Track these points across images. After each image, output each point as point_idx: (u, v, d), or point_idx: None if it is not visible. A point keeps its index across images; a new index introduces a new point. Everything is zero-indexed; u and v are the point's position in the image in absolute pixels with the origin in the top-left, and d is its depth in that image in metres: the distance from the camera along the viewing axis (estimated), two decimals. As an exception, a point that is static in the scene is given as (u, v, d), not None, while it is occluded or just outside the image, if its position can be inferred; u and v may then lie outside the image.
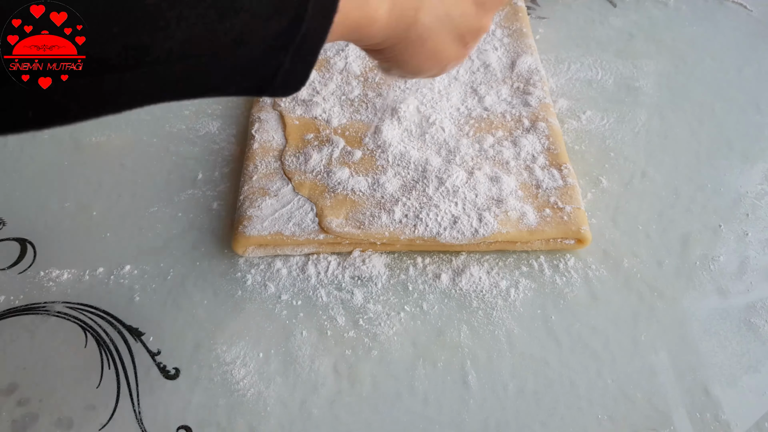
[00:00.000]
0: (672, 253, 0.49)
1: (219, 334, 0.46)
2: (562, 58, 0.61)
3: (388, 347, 0.45)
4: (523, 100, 0.55)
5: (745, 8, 0.64)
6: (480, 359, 0.44)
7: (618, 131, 0.56)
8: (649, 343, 0.45)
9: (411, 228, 0.47)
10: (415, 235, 0.47)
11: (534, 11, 0.65)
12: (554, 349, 0.45)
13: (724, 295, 0.47)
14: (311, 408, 0.43)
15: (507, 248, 0.48)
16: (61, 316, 0.47)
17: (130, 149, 0.56)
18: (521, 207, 0.48)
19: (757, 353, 0.44)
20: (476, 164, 0.51)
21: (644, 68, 0.60)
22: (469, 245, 0.48)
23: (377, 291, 0.48)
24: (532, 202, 0.48)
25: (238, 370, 0.44)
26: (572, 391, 0.43)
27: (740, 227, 0.50)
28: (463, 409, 0.43)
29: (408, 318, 0.46)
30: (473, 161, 0.51)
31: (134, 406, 0.43)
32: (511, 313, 0.46)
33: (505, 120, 0.54)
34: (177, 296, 0.48)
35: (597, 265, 0.48)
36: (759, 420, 0.42)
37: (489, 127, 0.53)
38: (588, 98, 0.58)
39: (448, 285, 0.48)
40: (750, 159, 0.54)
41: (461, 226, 0.47)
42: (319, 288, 0.48)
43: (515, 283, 0.48)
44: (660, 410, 0.42)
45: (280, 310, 0.47)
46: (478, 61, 0.59)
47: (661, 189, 0.52)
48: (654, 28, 0.63)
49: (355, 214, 0.48)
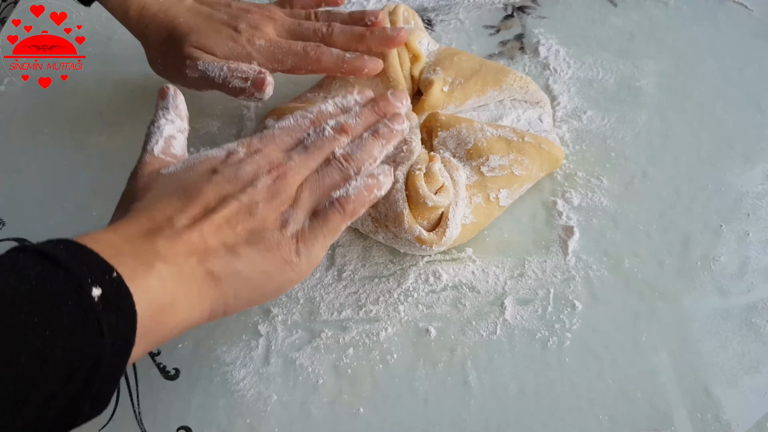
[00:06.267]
0: (673, 253, 0.49)
1: (219, 334, 0.46)
2: (562, 58, 0.61)
3: (388, 347, 0.45)
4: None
5: (746, 8, 0.64)
6: (481, 360, 0.44)
7: (619, 131, 0.56)
8: (649, 343, 0.45)
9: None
10: None
11: (534, 11, 0.65)
12: (555, 350, 0.45)
13: (725, 295, 0.47)
14: (311, 408, 0.43)
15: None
16: (61, 316, 0.47)
17: (129, 149, 0.56)
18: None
19: (758, 353, 0.44)
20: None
21: (645, 68, 0.60)
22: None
23: (377, 290, 0.47)
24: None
25: (238, 371, 0.44)
26: (573, 392, 0.43)
27: (741, 227, 0.50)
28: (463, 410, 0.42)
29: (408, 318, 0.46)
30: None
31: (134, 406, 0.43)
32: (512, 313, 0.46)
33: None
34: (177, 296, 0.48)
35: (597, 265, 0.48)
36: (760, 420, 0.42)
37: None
38: (588, 98, 0.58)
39: (448, 284, 0.48)
40: (751, 159, 0.54)
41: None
42: (319, 288, 0.48)
43: (515, 283, 0.48)
44: (661, 410, 0.42)
45: (280, 310, 0.47)
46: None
47: (662, 189, 0.52)
48: (655, 27, 0.63)
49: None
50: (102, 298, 0.27)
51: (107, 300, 0.28)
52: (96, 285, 0.27)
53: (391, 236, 0.46)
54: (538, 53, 0.62)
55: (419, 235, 0.45)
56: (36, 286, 0.26)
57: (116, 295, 0.28)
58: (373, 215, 0.46)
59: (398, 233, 0.45)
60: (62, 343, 0.26)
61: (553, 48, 0.62)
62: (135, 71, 0.60)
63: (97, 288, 0.27)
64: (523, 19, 0.65)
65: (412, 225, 0.45)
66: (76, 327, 0.26)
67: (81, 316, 0.27)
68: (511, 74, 0.54)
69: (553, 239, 0.50)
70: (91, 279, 0.27)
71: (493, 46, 0.63)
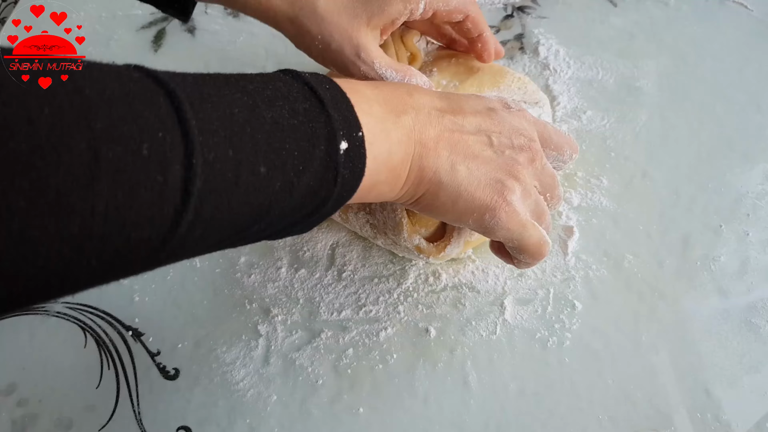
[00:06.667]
0: (673, 253, 0.49)
1: (219, 334, 0.46)
2: (562, 58, 0.61)
3: (387, 347, 0.45)
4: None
5: (745, 8, 0.64)
6: (480, 360, 0.44)
7: (618, 131, 0.56)
8: (649, 343, 0.45)
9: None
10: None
11: (534, 11, 0.65)
12: (555, 350, 0.45)
13: (725, 295, 0.47)
14: (311, 408, 0.43)
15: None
16: (61, 317, 0.47)
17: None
18: None
19: (758, 354, 0.44)
20: None
21: (645, 68, 0.60)
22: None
23: (377, 290, 0.47)
24: None
25: (238, 371, 0.44)
26: (573, 392, 0.43)
27: (741, 227, 0.50)
28: (463, 410, 0.42)
29: (408, 318, 0.46)
30: None
31: (134, 406, 0.43)
32: (511, 313, 0.46)
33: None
34: (177, 296, 0.48)
35: (597, 265, 0.48)
36: (760, 420, 0.42)
37: None
38: (588, 98, 0.58)
39: (448, 284, 0.48)
40: (751, 159, 0.53)
41: None
42: (319, 288, 0.48)
43: (515, 283, 0.48)
44: (661, 411, 0.42)
45: (279, 311, 0.47)
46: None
47: (662, 189, 0.52)
48: (655, 27, 0.63)
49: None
50: (346, 152, 0.30)
51: (348, 155, 0.30)
52: (344, 139, 0.30)
53: (390, 242, 0.46)
54: (538, 53, 0.62)
55: (419, 245, 0.45)
56: (303, 123, 0.29)
57: (356, 154, 0.31)
58: (371, 222, 0.46)
59: (397, 241, 0.45)
60: (307, 180, 0.28)
61: (552, 48, 0.62)
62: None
63: (345, 142, 0.30)
64: (522, 19, 0.65)
65: (412, 234, 0.45)
66: (321, 169, 0.29)
67: (327, 162, 0.29)
68: (509, 75, 0.54)
69: (553, 239, 0.50)
70: (343, 131, 0.30)
71: (493, 46, 0.63)
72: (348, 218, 0.47)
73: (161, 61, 0.61)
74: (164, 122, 0.23)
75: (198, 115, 0.24)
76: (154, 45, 0.62)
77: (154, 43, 0.63)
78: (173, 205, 0.23)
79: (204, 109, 0.25)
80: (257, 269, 0.49)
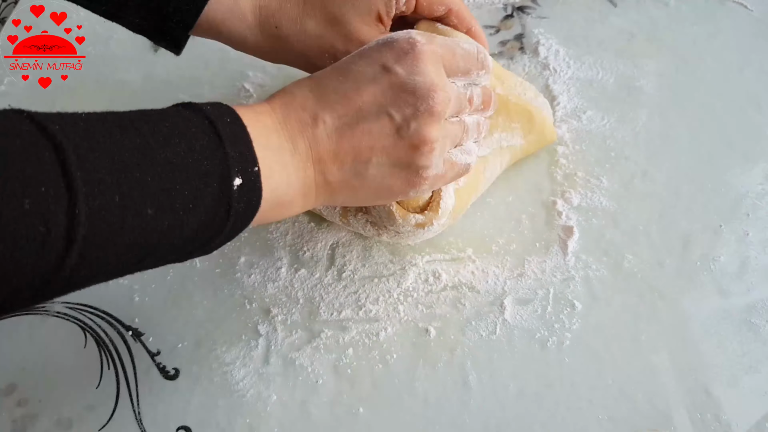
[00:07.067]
0: (672, 253, 0.49)
1: (219, 334, 0.46)
2: (562, 58, 0.61)
3: (387, 347, 0.45)
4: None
5: (745, 8, 0.64)
6: (480, 360, 0.44)
7: (618, 131, 0.56)
8: (649, 343, 0.45)
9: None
10: None
11: (534, 11, 0.65)
12: (555, 350, 0.45)
13: (725, 295, 0.47)
14: (311, 408, 0.43)
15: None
16: (61, 317, 0.47)
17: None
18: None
19: (758, 353, 0.44)
20: None
21: (645, 68, 0.60)
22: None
23: (377, 290, 0.47)
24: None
25: (238, 371, 0.44)
26: (573, 392, 0.43)
27: (741, 227, 0.50)
28: (463, 410, 0.42)
29: (408, 318, 0.46)
30: None
31: (134, 406, 0.43)
32: (511, 313, 0.46)
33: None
34: (177, 296, 0.48)
35: (597, 265, 0.48)
36: (760, 420, 0.42)
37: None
38: (588, 98, 0.58)
39: (448, 284, 0.48)
40: (751, 159, 0.53)
41: None
42: (318, 288, 0.48)
43: (515, 283, 0.48)
44: (660, 410, 0.42)
45: (279, 311, 0.47)
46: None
47: (662, 189, 0.52)
48: (655, 27, 0.62)
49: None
50: (239, 187, 0.31)
51: (242, 190, 0.31)
52: (239, 175, 0.31)
53: (393, 234, 0.46)
54: (538, 53, 0.62)
55: (417, 222, 0.44)
56: (198, 161, 0.29)
57: (250, 188, 0.31)
58: (371, 220, 0.46)
59: (397, 229, 0.45)
60: (197, 216, 0.29)
61: (552, 48, 0.62)
62: (135, 71, 0.60)
63: (239, 178, 0.31)
64: (522, 19, 0.65)
65: (405, 217, 0.44)
66: (213, 205, 0.30)
67: (219, 198, 0.30)
68: (510, 78, 0.53)
69: (553, 239, 0.50)
70: (238, 168, 0.31)
71: (493, 46, 0.63)
72: (349, 221, 0.47)
73: (161, 61, 0.61)
74: (48, 176, 0.24)
75: (84, 165, 0.25)
76: (153, 45, 0.62)
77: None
78: (55, 252, 0.25)
79: (90, 159, 0.26)
80: (257, 269, 0.49)
